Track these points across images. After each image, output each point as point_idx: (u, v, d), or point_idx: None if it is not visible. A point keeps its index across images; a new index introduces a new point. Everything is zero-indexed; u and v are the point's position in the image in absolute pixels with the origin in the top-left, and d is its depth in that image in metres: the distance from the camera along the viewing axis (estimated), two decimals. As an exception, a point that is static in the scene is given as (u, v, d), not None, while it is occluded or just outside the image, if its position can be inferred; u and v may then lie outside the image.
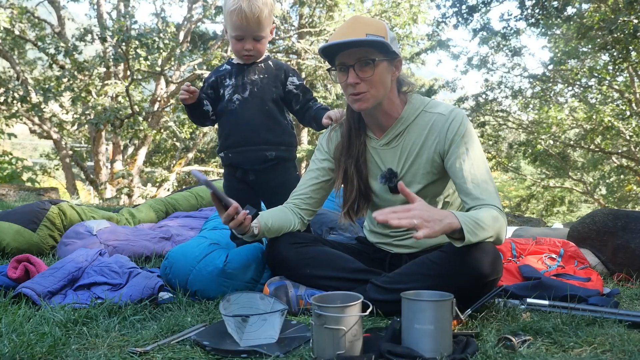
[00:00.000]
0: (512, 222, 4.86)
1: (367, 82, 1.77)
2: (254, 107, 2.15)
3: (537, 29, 12.99)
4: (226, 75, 2.21)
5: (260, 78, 2.18)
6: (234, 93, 2.17)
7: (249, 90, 2.16)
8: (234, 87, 2.18)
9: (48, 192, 7.11)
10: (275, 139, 2.17)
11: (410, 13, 13.73)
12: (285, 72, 2.22)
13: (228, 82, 2.19)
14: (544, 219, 13.80)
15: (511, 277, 2.16)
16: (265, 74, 2.19)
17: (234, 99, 2.17)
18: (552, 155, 15.15)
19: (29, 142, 29.27)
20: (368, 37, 1.71)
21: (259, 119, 2.14)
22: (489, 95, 15.44)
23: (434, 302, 1.37)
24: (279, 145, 2.18)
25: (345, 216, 1.96)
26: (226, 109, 2.18)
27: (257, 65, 2.20)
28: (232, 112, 2.16)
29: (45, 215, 2.97)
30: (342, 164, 1.94)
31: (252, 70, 2.19)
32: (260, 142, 2.15)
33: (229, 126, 2.18)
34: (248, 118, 2.14)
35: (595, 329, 1.55)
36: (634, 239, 2.41)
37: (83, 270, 2.05)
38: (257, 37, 2.12)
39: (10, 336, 1.43)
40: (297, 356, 1.37)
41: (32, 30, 13.10)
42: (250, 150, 2.15)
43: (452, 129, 1.81)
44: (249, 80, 2.17)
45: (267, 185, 2.21)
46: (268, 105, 2.16)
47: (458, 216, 1.56)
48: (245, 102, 2.16)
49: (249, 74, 2.18)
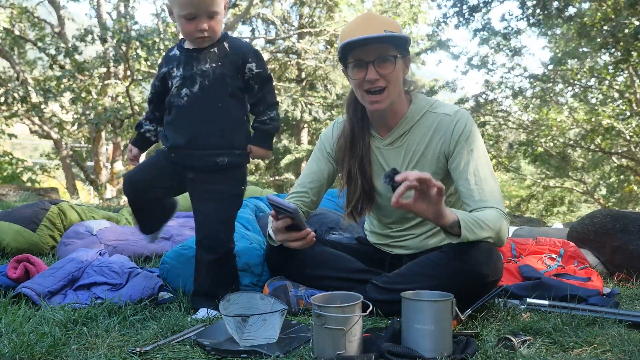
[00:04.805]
0: (512, 222, 4.85)
1: (386, 78, 1.77)
2: (205, 105, 1.80)
3: (538, 29, 12.99)
4: (174, 64, 1.85)
5: (213, 68, 1.80)
6: (182, 86, 1.81)
7: (198, 84, 1.79)
8: (181, 79, 1.81)
9: (48, 192, 7.12)
10: (229, 142, 1.82)
11: (411, 13, 13.75)
12: (243, 57, 1.82)
13: (176, 73, 1.83)
14: (544, 219, 13.81)
15: (511, 277, 2.16)
16: (219, 62, 1.81)
17: (181, 94, 1.80)
18: (552, 155, 15.14)
19: (29, 142, 29.26)
20: (387, 34, 1.71)
21: (211, 120, 1.80)
22: (489, 95, 15.44)
23: (434, 302, 1.37)
24: (232, 149, 1.82)
25: (349, 216, 1.96)
26: (173, 104, 1.83)
27: (209, 51, 1.82)
28: (179, 108, 1.81)
29: (45, 215, 2.97)
30: (346, 164, 1.93)
31: (203, 57, 1.81)
32: (210, 146, 1.80)
33: (174, 124, 1.84)
34: (197, 118, 1.80)
35: (595, 329, 1.55)
36: (632, 240, 2.41)
37: (83, 270, 2.05)
38: (211, 13, 1.76)
39: (10, 336, 1.43)
40: (297, 356, 1.37)
41: (32, 30, 13.10)
42: (198, 154, 1.81)
43: (457, 129, 1.81)
44: (199, 71, 1.80)
45: (201, 189, 1.85)
46: (222, 102, 1.81)
47: (457, 212, 1.59)
48: (195, 99, 1.80)
49: (198, 62, 1.81)
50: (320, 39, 14.51)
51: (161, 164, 1.91)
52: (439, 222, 1.57)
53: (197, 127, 1.80)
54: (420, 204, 1.51)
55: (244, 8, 14.03)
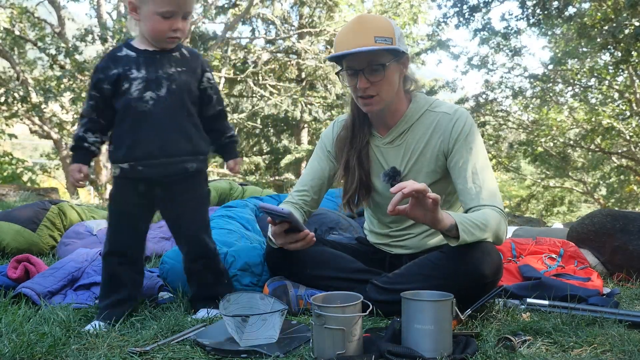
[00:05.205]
0: (512, 222, 4.85)
1: (376, 85, 1.78)
2: (173, 109, 1.72)
3: (538, 29, 12.99)
4: (131, 65, 1.71)
5: (179, 72, 1.73)
6: (146, 89, 1.69)
7: (165, 87, 1.70)
8: (144, 82, 1.70)
9: (48, 192, 7.12)
10: (196, 147, 1.76)
11: (411, 13, 13.75)
12: (202, 65, 1.80)
13: (135, 74, 1.70)
14: (544, 219, 13.80)
15: (511, 277, 2.16)
16: (183, 67, 1.75)
17: (145, 97, 1.69)
18: (552, 155, 15.14)
19: (29, 142, 29.26)
20: (377, 42, 1.72)
21: (180, 124, 1.73)
22: (489, 95, 15.44)
23: (434, 302, 1.37)
24: (198, 154, 1.78)
25: (345, 206, 1.98)
26: (135, 108, 1.69)
27: (172, 54, 1.75)
28: (143, 114, 1.69)
29: (45, 215, 2.97)
30: (345, 155, 1.95)
31: (167, 60, 1.74)
32: (180, 152, 1.73)
33: (139, 131, 1.70)
34: (166, 123, 1.71)
35: (595, 329, 1.55)
36: (632, 240, 2.41)
37: (83, 270, 2.05)
38: (187, 13, 1.71)
39: (10, 336, 1.43)
40: (297, 356, 1.37)
41: (32, 30, 13.09)
42: (168, 162, 1.72)
43: (456, 128, 1.82)
44: (165, 74, 1.71)
45: (172, 201, 1.78)
46: (188, 107, 1.75)
47: (454, 215, 1.60)
48: (162, 102, 1.70)
49: (163, 65, 1.72)
50: (320, 39, 14.51)
51: (131, 202, 1.76)
52: (436, 227, 1.59)
53: (167, 134, 1.71)
54: (416, 210, 1.53)
55: (244, 8, 14.03)
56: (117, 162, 1.73)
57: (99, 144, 1.76)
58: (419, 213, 1.53)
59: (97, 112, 1.73)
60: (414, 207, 1.52)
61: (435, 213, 1.53)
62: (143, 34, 1.74)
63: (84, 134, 1.73)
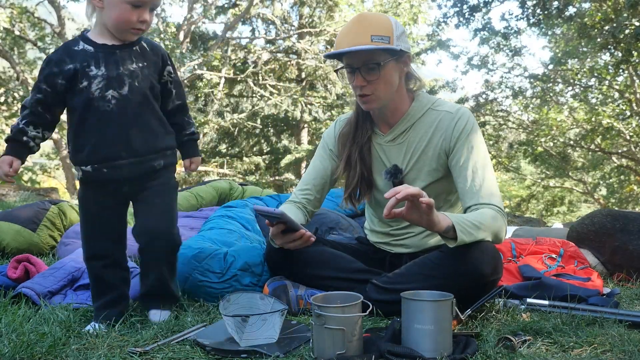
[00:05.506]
0: (512, 222, 4.85)
1: (373, 84, 1.78)
2: (137, 107, 1.64)
3: (538, 29, 12.99)
4: (90, 61, 1.61)
5: (140, 67, 1.66)
6: (107, 88, 1.61)
7: (127, 85, 1.62)
8: (105, 80, 1.61)
9: (48, 192, 7.12)
10: (161, 144, 1.70)
11: (411, 13, 13.75)
12: (163, 58, 1.72)
13: (95, 72, 1.61)
14: (544, 219, 13.80)
15: (511, 277, 2.16)
16: (145, 62, 1.67)
17: (107, 97, 1.60)
18: (552, 155, 15.15)
19: (29, 142, 29.25)
20: (373, 40, 1.72)
21: (144, 122, 1.66)
22: (489, 95, 15.45)
23: (434, 302, 1.37)
24: (165, 150, 1.72)
25: (347, 201, 1.99)
26: (97, 108, 1.61)
27: (132, 49, 1.67)
28: (105, 114, 1.61)
29: (45, 215, 2.97)
30: (347, 150, 1.96)
31: (128, 55, 1.65)
32: (147, 151, 1.67)
33: (102, 132, 1.62)
34: (130, 122, 1.63)
35: (595, 329, 1.55)
36: (632, 240, 2.41)
37: (83, 270, 2.05)
38: (156, 5, 1.65)
39: (10, 336, 1.43)
40: (297, 356, 1.37)
41: (32, 30, 13.11)
42: (134, 162, 1.65)
43: (458, 126, 1.82)
44: (127, 71, 1.63)
45: (140, 193, 1.71)
46: (152, 102, 1.68)
47: (451, 217, 1.60)
48: (125, 102, 1.62)
49: (124, 61, 1.64)
50: (320, 39, 14.51)
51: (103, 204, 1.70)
52: (433, 229, 1.59)
53: (132, 133, 1.64)
54: (412, 213, 1.54)
55: (244, 8, 14.04)
56: (79, 164, 1.66)
57: (39, 139, 1.65)
58: (415, 216, 1.54)
59: (44, 107, 1.63)
60: (409, 210, 1.53)
61: (431, 216, 1.54)
62: (104, 24, 1.63)
63: (24, 127, 1.61)
